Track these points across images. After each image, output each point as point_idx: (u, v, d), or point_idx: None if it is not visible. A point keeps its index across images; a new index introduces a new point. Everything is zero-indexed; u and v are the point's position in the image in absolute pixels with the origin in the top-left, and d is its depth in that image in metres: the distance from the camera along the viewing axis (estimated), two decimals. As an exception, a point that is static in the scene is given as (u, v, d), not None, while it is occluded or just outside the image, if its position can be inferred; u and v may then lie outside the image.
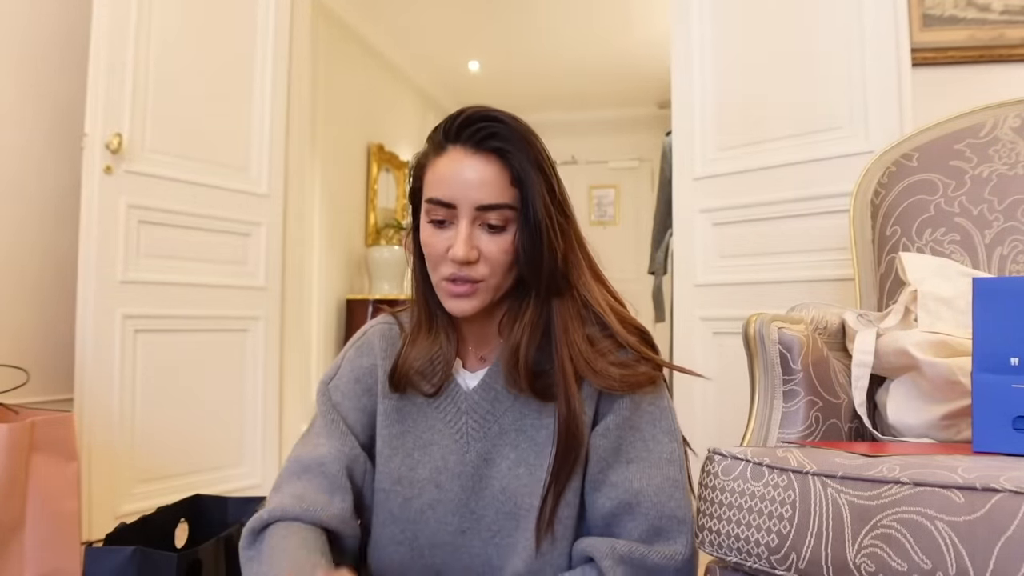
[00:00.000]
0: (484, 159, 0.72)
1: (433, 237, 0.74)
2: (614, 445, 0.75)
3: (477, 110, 0.73)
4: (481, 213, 0.72)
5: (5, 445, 1.31)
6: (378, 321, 0.88)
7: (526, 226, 0.72)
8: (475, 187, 0.71)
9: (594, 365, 0.74)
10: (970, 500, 0.63)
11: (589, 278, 0.79)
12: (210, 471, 2.10)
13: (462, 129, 0.72)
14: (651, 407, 0.77)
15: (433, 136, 0.76)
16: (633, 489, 0.73)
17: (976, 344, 0.79)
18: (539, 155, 0.73)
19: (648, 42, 4.31)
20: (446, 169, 0.72)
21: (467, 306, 0.75)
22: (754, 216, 1.90)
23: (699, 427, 1.96)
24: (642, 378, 0.75)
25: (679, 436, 0.79)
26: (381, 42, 4.40)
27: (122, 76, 1.88)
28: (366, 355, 0.85)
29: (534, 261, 0.73)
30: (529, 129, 0.74)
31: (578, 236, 0.80)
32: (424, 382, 0.81)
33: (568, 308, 0.76)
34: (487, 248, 0.73)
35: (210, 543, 1.19)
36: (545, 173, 0.73)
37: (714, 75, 2.00)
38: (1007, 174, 1.24)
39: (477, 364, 0.83)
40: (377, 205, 4.40)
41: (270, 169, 2.32)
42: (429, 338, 0.82)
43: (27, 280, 1.89)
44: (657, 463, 0.75)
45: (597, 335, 0.77)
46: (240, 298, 2.22)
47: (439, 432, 0.81)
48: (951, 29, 1.76)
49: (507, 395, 0.79)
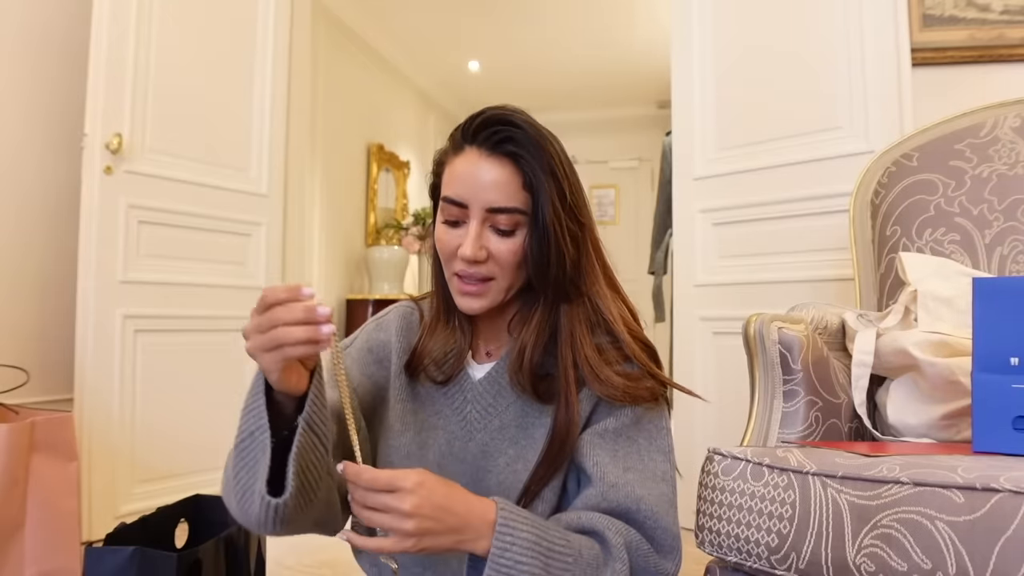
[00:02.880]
0: (498, 162, 0.72)
1: (446, 235, 0.75)
2: (610, 447, 0.75)
3: (496, 112, 0.74)
4: (491, 215, 0.73)
5: (5, 445, 1.31)
6: (400, 304, 0.90)
7: (535, 231, 0.73)
8: (487, 189, 0.72)
9: (599, 372, 0.75)
10: (970, 500, 0.63)
11: (603, 286, 0.79)
12: (210, 471, 2.09)
13: (480, 130, 0.73)
14: (651, 425, 0.77)
15: (454, 135, 0.77)
16: (635, 495, 0.72)
17: (976, 344, 0.79)
18: (553, 161, 0.73)
19: (648, 42, 4.31)
20: (461, 169, 0.73)
21: (476, 304, 0.76)
22: (754, 216, 1.90)
23: (699, 427, 1.96)
24: (645, 392, 0.76)
25: (673, 459, 0.79)
26: (381, 42, 4.40)
27: (122, 76, 1.88)
28: (383, 330, 0.87)
29: (542, 266, 0.74)
30: (546, 135, 0.75)
31: (595, 244, 0.80)
32: (437, 371, 0.82)
33: (577, 314, 0.77)
34: (496, 249, 0.73)
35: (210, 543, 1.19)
36: (558, 179, 0.73)
37: (714, 75, 2.00)
38: (1007, 174, 1.24)
39: (485, 358, 0.84)
40: (377, 205, 4.40)
41: (270, 169, 2.32)
42: (447, 330, 0.83)
43: (27, 280, 1.89)
44: (652, 478, 0.75)
45: (605, 344, 0.77)
46: (240, 298, 2.22)
47: (445, 417, 0.82)
48: (951, 29, 1.76)
49: (510, 392, 0.79)
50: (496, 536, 0.62)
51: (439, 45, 4.54)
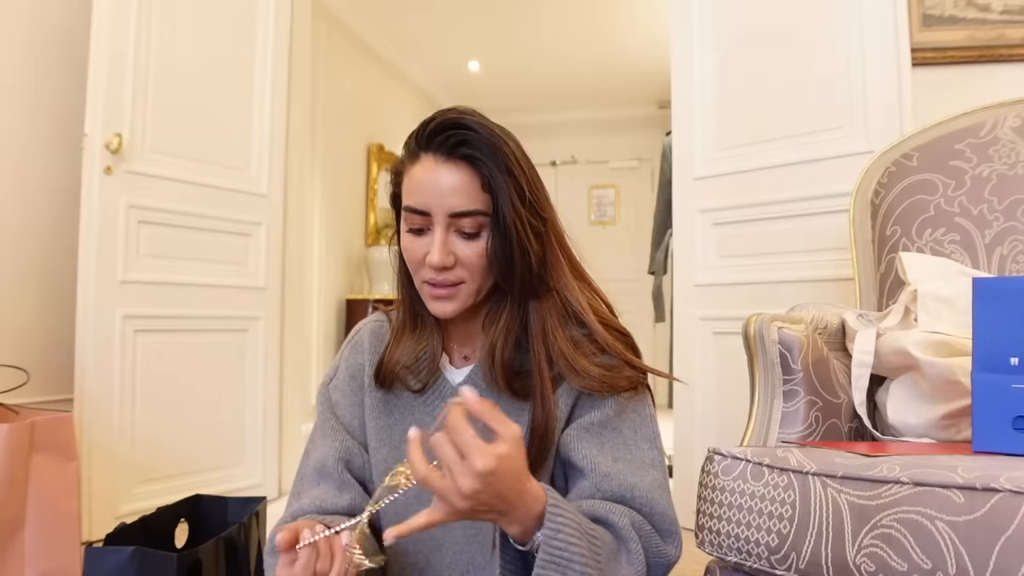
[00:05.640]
0: (455, 167, 0.72)
1: (412, 244, 0.75)
2: (597, 440, 0.76)
3: (447, 117, 0.73)
4: (455, 220, 0.73)
5: (5, 445, 1.31)
6: (370, 319, 0.91)
7: (497, 231, 0.73)
8: (447, 195, 0.72)
9: (575, 364, 0.75)
10: (970, 500, 0.63)
11: (570, 278, 0.79)
12: (210, 471, 2.10)
13: (433, 136, 0.73)
14: (634, 414, 0.78)
15: (408, 143, 0.76)
16: (629, 483, 0.73)
17: (976, 344, 0.79)
18: (509, 159, 0.73)
19: (648, 42, 4.31)
20: (419, 177, 0.73)
21: (448, 308, 0.76)
22: (754, 216, 1.90)
23: (699, 427, 1.96)
24: (624, 381, 0.76)
25: (660, 444, 0.79)
26: (381, 42, 4.40)
27: (122, 76, 1.88)
28: (358, 353, 0.88)
29: (507, 265, 0.74)
30: (500, 133, 0.74)
31: (558, 237, 0.80)
32: (411, 378, 0.82)
33: (547, 309, 0.77)
34: (463, 253, 0.73)
35: (210, 543, 1.19)
36: (515, 177, 0.73)
37: (714, 75, 2.00)
38: (1007, 174, 1.24)
39: (463, 362, 0.84)
40: (377, 205, 4.40)
41: (270, 169, 2.32)
42: (414, 337, 0.83)
43: (27, 280, 1.89)
44: (642, 466, 0.75)
45: (580, 338, 0.78)
46: (240, 298, 2.22)
47: (426, 426, 0.81)
48: (951, 29, 1.76)
49: (490, 393, 0.79)
50: (547, 520, 0.62)
51: (439, 45, 4.55)
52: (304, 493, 0.81)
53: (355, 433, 0.85)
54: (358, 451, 0.84)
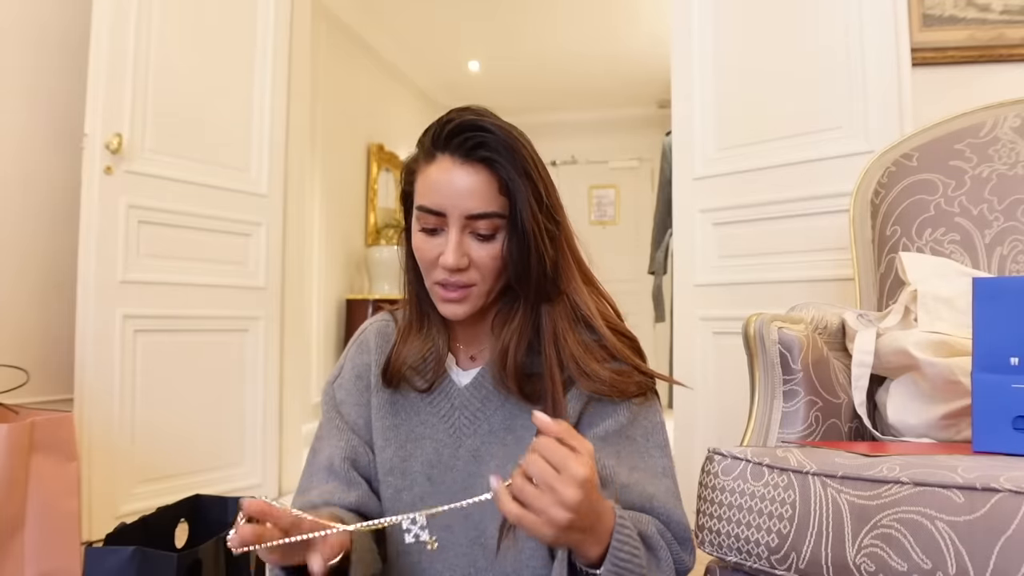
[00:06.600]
0: (473, 168, 0.71)
1: (424, 244, 0.74)
2: (614, 450, 0.75)
3: (466, 118, 0.72)
4: (471, 222, 0.72)
5: (5, 445, 1.31)
6: (376, 319, 0.90)
7: (514, 234, 0.72)
8: (464, 197, 0.71)
9: (585, 368, 0.75)
10: (970, 500, 0.63)
11: (580, 283, 0.79)
12: (210, 471, 2.10)
13: (451, 138, 0.72)
14: (646, 421, 0.78)
15: (423, 141, 0.76)
16: (647, 493, 0.72)
17: (976, 344, 0.79)
18: (527, 162, 0.72)
19: (648, 42, 4.31)
20: (436, 178, 0.72)
21: (459, 310, 0.76)
22: (754, 216, 1.90)
23: (699, 427, 1.96)
24: (633, 387, 0.76)
25: (669, 452, 0.79)
26: (381, 42, 4.39)
27: (122, 76, 1.88)
28: (364, 352, 0.87)
29: (523, 269, 0.73)
30: (518, 136, 0.74)
31: (569, 241, 0.80)
32: (418, 378, 0.82)
33: (559, 313, 0.77)
34: (477, 255, 0.73)
35: (210, 543, 1.19)
36: (533, 180, 0.73)
37: (714, 75, 2.00)
38: (1007, 174, 1.25)
39: (469, 363, 0.84)
40: (377, 205, 4.40)
41: (270, 169, 2.32)
42: (420, 336, 0.83)
43: (27, 280, 1.89)
44: (655, 474, 0.75)
45: (591, 342, 0.77)
46: (240, 298, 2.22)
47: (432, 427, 0.82)
48: (951, 29, 1.76)
49: (497, 395, 0.79)
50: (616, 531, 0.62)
51: (439, 45, 4.54)
52: (313, 488, 0.81)
53: (360, 432, 0.84)
54: (363, 450, 0.84)
